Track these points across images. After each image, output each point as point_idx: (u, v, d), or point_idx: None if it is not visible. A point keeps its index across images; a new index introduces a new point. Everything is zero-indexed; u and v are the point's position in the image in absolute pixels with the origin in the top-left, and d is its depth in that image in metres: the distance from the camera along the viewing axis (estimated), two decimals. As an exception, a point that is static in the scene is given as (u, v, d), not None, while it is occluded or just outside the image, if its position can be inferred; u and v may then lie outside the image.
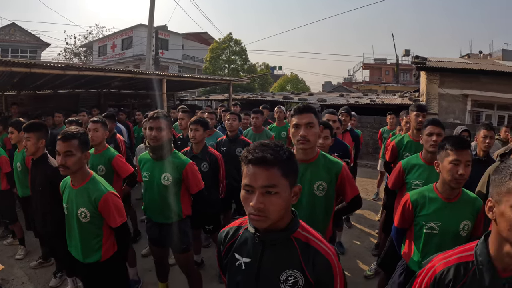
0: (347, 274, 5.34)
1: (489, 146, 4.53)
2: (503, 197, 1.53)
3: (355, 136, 6.91)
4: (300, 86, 47.79)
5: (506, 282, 1.59)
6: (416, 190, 3.04)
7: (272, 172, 1.61)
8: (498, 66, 16.85)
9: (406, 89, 29.11)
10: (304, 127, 2.93)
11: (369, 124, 15.03)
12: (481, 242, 1.68)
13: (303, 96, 23.27)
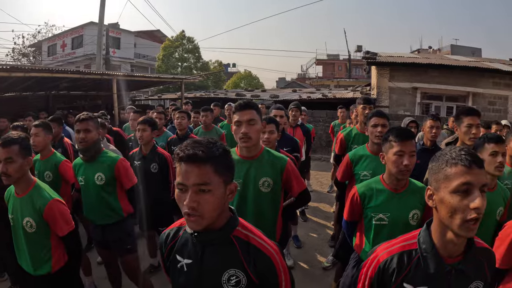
0: (305, 267, 5.47)
1: (436, 136, 4.67)
2: (441, 183, 1.58)
3: (306, 131, 6.99)
4: (254, 83, 47.67)
5: (451, 268, 1.63)
6: (363, 183, 3.06)
7: (204, 169, 1.57)
8: (446, 60, 17.64)
9: (358, 83, 29.47)
10: (245, 124, 2.91)
11: (322, 118, 15.27)
12: (424, 230, 1.73)
13: (256, 92, 23.34)
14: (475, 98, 15.61)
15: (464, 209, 1.50)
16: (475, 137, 3.62)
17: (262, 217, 3.10)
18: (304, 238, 6.52)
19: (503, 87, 15.68)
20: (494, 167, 3.05)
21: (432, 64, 15.73)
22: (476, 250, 1.71)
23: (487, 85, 15.64)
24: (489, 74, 15.64)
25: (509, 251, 2.41)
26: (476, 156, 1.56)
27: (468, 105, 15.00)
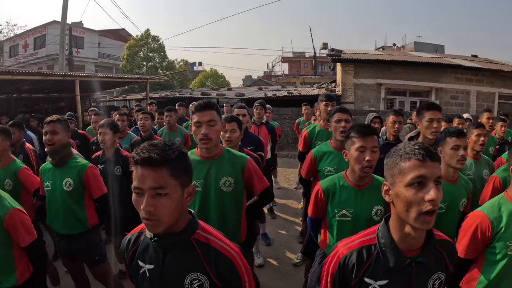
0: (275, 264, 5.47)
1: (398, 131, 4.74)
2: (396, 178, 1.59)
3: (271, 129, 6.96)
4: (220, 81, 47.51)
5: (411, 261, 1.64)
6: (326, 179, 3.04)
7: (160, 172, 1.56)
8: (409, 57, 18.13)
9: (324, 80, 29.75)
10: (205, 125, 2.90)
11: (288, 115, 15.40)
12: (382, 225, 1.74)
13: (222, 91, 23.29)
14: (438, 93, 16.17)
15: (419, 202, 1.51)
16: (436, 131, 3.69)
17: (226, 217, 3.11)
18: (273, 235, 6.52)
19: (465, 82, 16.34)
20: (456, 161, 3.11)
21: (396, 61, 16.12)
22: (436, 242, 1.72)
23: (450, 80, 16.21)
24: (451, 70, 16.26)
25: (472, 241, 2.45)
26: (429, 150, 1.57)
27: (432, 99, 15.66)
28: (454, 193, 3.17)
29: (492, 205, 2.50)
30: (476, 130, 4.15)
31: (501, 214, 2.43)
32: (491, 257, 2.45)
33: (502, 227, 2.40)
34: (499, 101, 16.85)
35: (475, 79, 16.53)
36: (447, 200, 3.10)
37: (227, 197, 3.08)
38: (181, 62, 44.80)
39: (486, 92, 16.68)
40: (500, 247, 2.39)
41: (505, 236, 2.38)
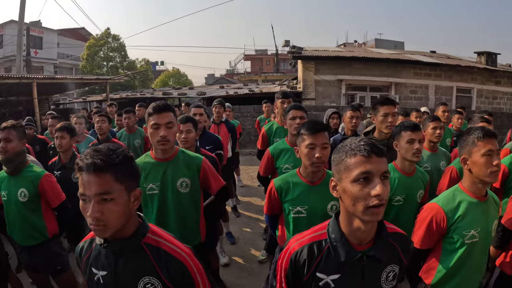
0: (241, 262, 5.46)
1: (356, 125, 4.80)
2: (343, 174, 1.59)
3: (231, 127, 6.95)
4: (182, 80, 47.35)
5: (363, 254, 1.64)
6: (280, 177, 3.04)
7: (104, 178, 1.55)
8: (369, 53, 18.76)
9: (286, 77, 29.89)
10: (164, 127, 2.89)
11: (249, 113, 15.40)
12: (332, 220, 1.74)
13: (183, 90, 23.17)
14: (398, 87, 16.63)
15: (365, 197, 1.51)
16: (391, 125, 3.75)
17: (185, 218, 3.12)
18: (237, 233, 6.52)
19: (424, 77, 16.97)
20: (412, 154, 3.18)
21: (356, 57, 16.43)
22: (388, 235, 1.73)
23: (409, 75, 16.75)
24: (410, 65, 16.81)
25: (428, 233, 2.48)
26: (375, 145, 1.57)
27: (391, 94, 16.12)
28: (411, 185, 3.26)
29: (447, 196, 2.54)
30: (432, 123, 4.24)
31: (456, 205, 2.47)
32: (449, 247, 2.50)
33: (457, 217, 2.43)
34: (457, 95, 17.58)
35: (433, 73, 17.17)
36: (404, 192, 3.19)
37: (185, 198, 3.09)
38: (143, 61, 44.26)
39: (444, 86, 17.33)
40: (457, 237, 2.43)
41: (461, 226, 2.42)
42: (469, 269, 2.50)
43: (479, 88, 18.06)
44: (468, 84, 17.84)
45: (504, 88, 18.72)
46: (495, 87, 18.49)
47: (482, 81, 18.11)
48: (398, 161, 3.33)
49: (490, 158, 2.38)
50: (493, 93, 18.46)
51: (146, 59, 45.18)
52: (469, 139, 2.49)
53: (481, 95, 18.20)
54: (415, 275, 2.71)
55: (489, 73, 18.20)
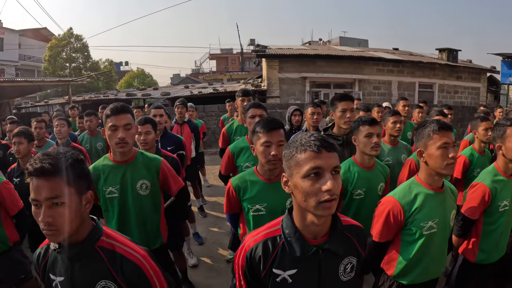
0: (209, 262, 5.44)
1: (317, 122, 4.84)
2: (293, 170, 1.58)
3: (194, 127, 6.94)
4: (147, 81, 46.67)
5: (318, 248, 1.64)
6: (237, 175, 3.03)
7: (54, 182, 1.54)
8: (333, 51, 19.21)
9: (251, 76, 30.05)
10: (122, 129, 2.86)
11: (214, 112, 15.32)
12: (286, 216, 1.73)
13: (148, 91, 22.93)
14: (361, 84, 17.05)
15: (316, 192, 1.50)
16: (350, 120, 3.78)
17: (145, 221, 3.11)
18: (205, 233, 6.49)
19: (387, 73, 17.46)
20: (370, 148, 3.22)
21: (319, 55, 16.76)
22: (343, 228, 1.74)
23: (372, 71, 17.20)
24: (373, 62, 17.31)
25: (386, 226, 2.51)
26: (325, 140, 1.57)
27: (355, 90, 16.53)
28: (371, 179, 3.32)
29: (404, 189, 2.57)
30: (392, 117, 4.35)
31: (413, 198, 2.50)
32: (408, 238, 2.54)
33: (414, 210, 2.47)
34: (419, 90, 18.29)
35: (396, 70, 17.68)
36: (365, 185, 3.25)
37: (145, 200, 3.08)
38: (106, 62, 43.38)
39: (407, 82, 17.89)
40: (415, 229, 2.47)
41: (418, 218, 2.46)
42: (429, 259, 2.55)
43: (440, 83, 18.80)
44: (430, 80, 18.54)
45: (465, 82, 19.55)
46: (456, 82, 19.27)
47: (444, 76, 18.86)
48: (357, 156, 3.37)
49: (445, 151, 2.41)
50: (454, 87, 19.25)
51: (110, 60, 44.39)
52: (425, 132, 2.52)
53: (442, 90, 18.93)
54: (377, 267, 2.75)
55: (450, 69, 19.00)
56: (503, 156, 3.05)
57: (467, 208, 3.04)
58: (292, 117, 5.51)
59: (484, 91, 20.37)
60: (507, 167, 3.07)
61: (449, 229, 2.64)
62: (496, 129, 3.13)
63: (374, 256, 2.67)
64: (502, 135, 3.03)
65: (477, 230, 3.11)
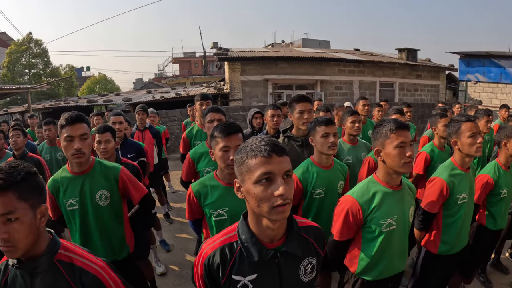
0: (177, 270, 5.37)
1: (278, 124, 4.85)
2: (245, 175, 1.57)
3: (155, 133, 6.88)
4: (109, 86, 46.14)
5: (275, 251, 1.64)
6: (197, 181, 3.00)
7: (6, 197, 1.49)
8: (294, 53, 19.24)
9: (214, 79, 29.99)
10: (78, 139, 2.80)
11: (177, 117, 15.17)
12: (241, 221, 1.72)
13: (109, 97, 22.44)
14: (323, 84, 17.30)
15: (269, 197, 1.50)
16: (307, 121, 3.79)
17: (108, 232, 3.06)
18: (172, 240, 6.41)
19: (348, 74, 17.81)
20: (327, 147, 3.24)
21: (281, 57, 16.81)
22: (300, 229, 1.74)
23: (333, 72, 17.47)
24: (334, 63, 17.59)
25: (345, 225, 2.54)
26: (275, 145, 1.56)
27: (317, 91, 16.82)
28: (330, 178, 3.35)
29: (362, 188, 2.60)
30: (350, 117, 4.41)
31: (371, 196, 2.54)
32: (368, 236, 2.58)
33: (372, 208, 2.51)
34: (380, 89, 18.72)
35: (357, 70, 18.06)
36: (324, 185, 3.28)
37: (105, 211, 3.02)
38: (67, 67, 42.51)
39: (368, 82, 18.29)
40: (375, 226, 2.51)
41: (377, 216, 2.50)
42: (391, 255, 2.60)
43: (401, 81, 19.27)
44: (390, 79, 18.97)
45: (424, 81, 20.14)
46: (416, 80, 19.83)
47: (404, 75, 19.36)
48: (315, 156, 3.38)
49: (403, 150, 2.45)
50: (414, 86, 19.80)
51: (71, 65, 43.51)
52: (382, 131, 2.55)
53: (403, 88, 19.43)
54: (341, 265, 2.78)
55: (409, 68, 19.54)
56: (459, 151, 3.18)
57: (427, 202, 3.15)
58: (253, 120, 5.50)
59: (443, 88, 20.98)
60: (463, 161, 3.19)
61: (409, 225, 2.69)
62: (451, 126, 3.25)
63: (336, 254, 2.71)
64: (457, 131, 3.16)
65: (438, 223, 3.23)
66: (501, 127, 3.97)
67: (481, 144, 3.09)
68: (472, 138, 3.07)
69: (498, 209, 3.83)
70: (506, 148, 3.74)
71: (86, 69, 58.07)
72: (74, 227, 3.00)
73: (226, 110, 14.12)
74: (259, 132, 5.38)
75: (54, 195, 2.96)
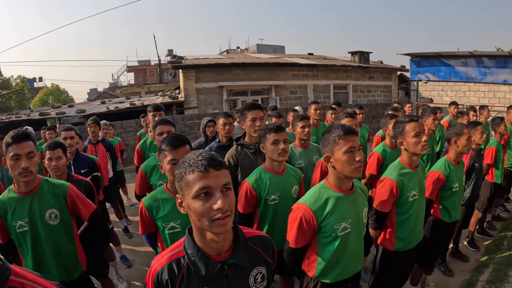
0: (139, 285, 5.29)
1: (229, 132, 4.82)
2: (185, 191, 1.57)
3: (108, 145, 6.76)
4: (63, 97, 45.15)
5: (223, 264, 1.64)
6: (148, 195, 2.97)
7: None
8: (248, 59, 19.36)
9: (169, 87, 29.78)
10: (25, 158, 2.74)
11: (132, 128, 14.80)
12: (187, 236, 1.72)
13: (63, 109, 21.83)
14: (278, 89, 17.50)
15: (208, 211, 1.51)
16: (259, 129, 3.78)
17: (60, 251, 2.99)
18: (132, 255, 6.23)
19: (302, 78, 18.13)
20: (278, 154, 3.25)
21: (235, 63, 16.87)
22: (247, 240, 1.76)
23: (288, 77, 17.72)
24: (288, 68, 17.82)
25: (300, 232, 2.56)
26: (213, 159, 1.57)
27: (272, 96, 17.00)
28: (283, 184, 3.35)
29: (314, 195, 2.61)
30: (300, 122, 4.43)
31: (323, 202, 2.56)
32: (324, 240, 2.60)
33: (326, 214, 2.53)
34: (334, 91, 19.13)
35: (311, 74, 18.37)
36: (278, 190, 3.29)
37: (57, 230, 2.96)
38: (18, 79, 41.49)
39: (322, 85, 18.64)
40: (330, 231, 2.54)
41: (331, 221, 2.53)
42: (347, 257, 2.63)
43: (354, 84, 19.79)
44: (344, 81, 19.42)
45: (377, 82, 20.78)
46: (369, 81, 20.41)
47: (357, 77, 19.89)
48: (267, 163, 3.38)
49: (352, 155, 2.48)
50: (367, 87, 20.38)
51: (22, 76, 42.48)
52: (330, 137, 2.57)
53: (356, 90, 19.93)
54: (299, 270, 2.80)
55: (362, 70, 20.09)
56: (406, 150, 3.28)
57: (378, 202, 3.25)
58: (207, 128, 5.46)
59: (395, 88, 21.61)
60: (411, 160, 3.30)
61: (363, 226, 2.74)
62: (396, 127, 3.35)
63: (293, 260, 2.73)
64: (402, 131, 3.26)
65: (392, 221, 3.33)
66: (451, 125, 4.14)
67: (426, 142, 3.19)
68: (416, 137, 3.17)
69: (451, 202, 4.00)
70: (456, 145, 3.95)
71: (38, 79, 56.55)
72: (26, 249, 2.92)
73: (182, 118, 14.07)
74: (212, 140, 5.35)
75: (1, 217, 2.87)
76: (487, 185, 6.00)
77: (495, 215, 7.12)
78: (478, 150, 5.06)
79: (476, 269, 5.20)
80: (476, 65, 16.86)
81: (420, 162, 3.45)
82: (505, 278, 4.71)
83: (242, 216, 3.37)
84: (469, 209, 5.12)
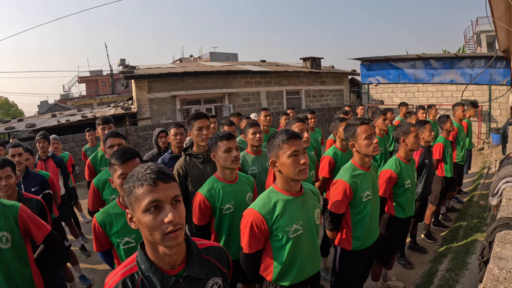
0: None
1: (181, 142, 4.77)
2: (135, 205, 1.56)
3: (59, 161, 6.59)
4: (12, 111, 43.93)
5: (177, 277, 1.62)
6: (100, 211, 2.92)
7: None
8: (201, 67, 19.48)
9: (122, 98, 29.47)
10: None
11: (84, 141, 14.14)
12: (139, 251, 1.69)
13: (12, 124, 21.02)
14: (231, 97, 17.58)
15: (159, 225, 1.51)
16: (206, 138, 3.80)
17: (13, 277, 2.86)
18: (92, 274, 6.05)
19: (255, 85, 18.29)
20: (231, 162, 3.24)
21: (188, 72, 16.86)
22: (201, 251, 1.76)
23: (240, 84, 17.84)
24: (241, 75, 17.95)
25: (252, 237, 2.59)
26: (161, 172, 1.57)
27: (225, 104, 17.11)
28: (237, 191, 3.35)
29: (263, 199, 2.65)
30: (251, 129, 4.48)
31: (272, 206, 2.60)
32: (277, 244, 2.64)
33: (276, 217, 2.58)
34: (287, 97, 19.39)
35: (263, 81, 18.56)
36: (232, 199, 3.28)
37: (8, 254, 2.83)
38: (-38, 92, 40.02)
39: (274, 91, 18.88)
40: (281, 234, 2.58)
41: (282, 224, 2.57)
42: (303, 259, 2.68)
43: (306, 89, 20.11)
44: (296, 87, 19.72)
45: (329, 86, 21.21)
46: (321, 86, 20.80)
47: (309, 82, 20.23)
48: (219, 172, 3.37)
49: (297, 158, 2.53)
50: (319, 92, 20.74)
51: (-33, 90, 41.09)
52: (275, 142, 2.61)
53: (309, 95, 20.25)
54: (258, 276, 2.82)
55: (314, 75, 20.45)
56: (358, 152, 3.37)
57: (332, 204, 3.32)
58: (159, 139, 5.40)
59: (347, 92, 22.11)
60: (363, 161, 3.39)
61: (317, 227, 2.78)
62: (347, 130, 3.44)
63: (250, 266, 2.75)
64: (353, 134, 3.35)
65: (347, 221, 3.42)
66: (398, 125, 4.33)
67: (377, 143, 3.30)
68: (368, 139, 3.26)
69: (404, 198, 4.17)
70: (404, 143, 4.14)
71: (-17, 92, 54.93)
72: None
73: (135, 130, 13.86)
74: (165, 151, 5.28)
75: None
76: (438, 179, 6.28)
77: (449, 207, 7.50)
78: (428, 147, 5.23)
79: (435, 259, 5.42)
80: (424, 67, 17.41)
81: (372, 163, 3.55)
82: (463, 265, 4.95)
83: (199, 228, 3.33)
84: (422, 204, 5.33)
